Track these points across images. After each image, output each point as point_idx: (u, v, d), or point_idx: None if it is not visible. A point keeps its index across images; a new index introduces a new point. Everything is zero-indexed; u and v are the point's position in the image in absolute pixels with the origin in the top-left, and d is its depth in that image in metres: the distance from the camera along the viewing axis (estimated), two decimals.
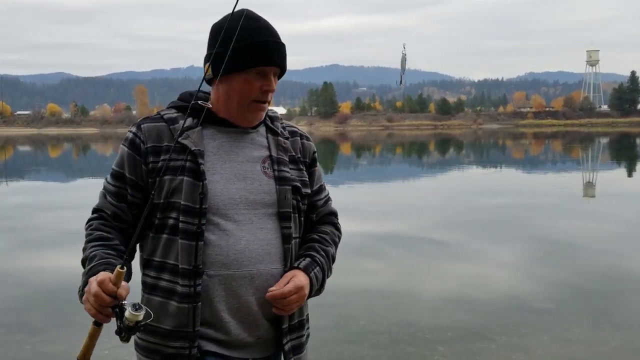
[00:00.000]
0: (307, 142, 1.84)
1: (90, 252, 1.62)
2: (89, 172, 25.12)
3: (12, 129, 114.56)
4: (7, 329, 5.04)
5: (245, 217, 1.63)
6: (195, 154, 1.61)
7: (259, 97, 1.65)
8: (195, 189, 1.59)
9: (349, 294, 5.87)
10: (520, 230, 9.95)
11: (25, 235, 9.44)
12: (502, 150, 40.98)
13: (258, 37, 1.62)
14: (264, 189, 1.66)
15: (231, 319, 1.61)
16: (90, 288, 1.46)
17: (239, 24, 1.59)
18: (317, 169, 1.86)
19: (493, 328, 5.04)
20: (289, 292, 1.60)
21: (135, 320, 1.45)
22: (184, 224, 1.59)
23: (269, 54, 1.63)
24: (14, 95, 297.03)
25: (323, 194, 1.87)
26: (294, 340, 1.71)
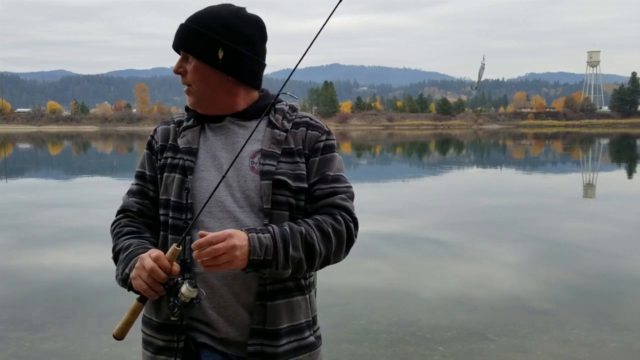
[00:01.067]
0: (312, 132, 1.70)
1: (124, 243, 1.68)
2: (88, 170, 25.11)
3: (12, 127, 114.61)
4: (6, 326, 5.03)
5: (230, 214, 1.61)
6: (185, 152, 1.68)
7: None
8: (182, 185, 1.65)
9: (349, 293, 5.86)
10: (520, 230, 9.95)
11: (25, 233, 9.43)
12: (502, 151, 40.99)
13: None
14: (249, 185, 1.63)
15: (218, 317, 1.61)
16: (144, 264, 1.50)
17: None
18: (321, 158, 1.68)
19: (493, 328, 5.03)
20: (215, 236, 1.45)
21: (190, 297, 1.48)
22: (173, 220, 1.65)
23: (174, 37, 1.69)
24: (14, 92, 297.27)
25: (326, 185, 1.66)
26: (265, 346, 1.61)
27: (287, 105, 1.76)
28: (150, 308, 1.69)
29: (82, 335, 4.84)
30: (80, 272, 6.93)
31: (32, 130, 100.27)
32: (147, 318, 1.71)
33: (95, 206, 12.59)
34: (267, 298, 1.61)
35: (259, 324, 1.62)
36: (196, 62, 1.65)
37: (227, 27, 1.63)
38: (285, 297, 1.64)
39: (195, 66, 1.65)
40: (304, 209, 1.67)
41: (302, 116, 1.75)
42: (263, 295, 1.61)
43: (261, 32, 1.70)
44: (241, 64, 1.65)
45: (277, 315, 1.62)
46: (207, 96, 1.68)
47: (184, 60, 1.68)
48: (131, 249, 1.64)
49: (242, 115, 1.71)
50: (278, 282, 1.62)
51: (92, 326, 5.06)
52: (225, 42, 1.62)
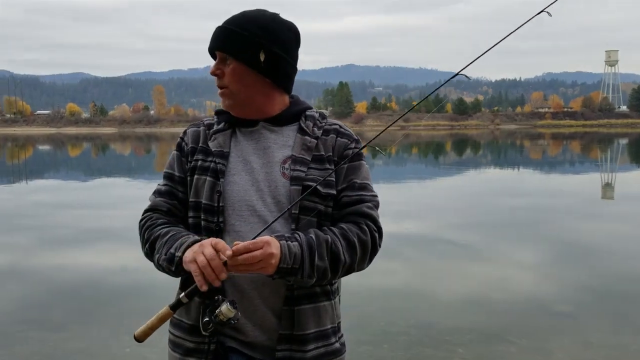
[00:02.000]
0: (341, 139, 1.72)
1: (161, 231, 1.65)
2: (107, 172, 25.37)
3: (32, 128, 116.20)
4: (29, 326, 5.10)
5: (260, 219, 1.62)
6: (217, 155, 1.68)
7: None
8: (214, 188, 1.65)
9: (368, 294, 5.86)
10: (539, 231, 9.86)
11: (45, 233, 9.56)
12: (519, 151, 40.65)
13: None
14: (280, 191, 1.64)
15: (246, 321, 1.62)
16: (205, 251, 1.47)
17: None
18: (350, 165, 1.69)
19: (513, 330, 5.00)
20: (253, 243, 1.46)
21: (228, 317, 1.48)
22: (206, 222, 1.65)
23: (211, 39, 1.69)
24: (34, 94, 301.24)
25: (353, 192, 1.68)
26: (295, 352, 1.62)
27: (317, 113, 1.78)
28: (180, 309, 1.66)
29: (104, 335, 4.89)
30: (100, 272, 7.00)
31: (51, 132, 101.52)
32: (177, 319, 1.70)
33: (114, 207, 12.72)
34: (294, 303, 1.63)
35: (287, 329, 1.62)
36: (235, 64, 1.65)
37: (268, 31, 1.65)
38: (312, 302, 1.65)
39: (234, 68, 1.66)
40: (332, 215, 1.69)
41: (332, 123, 1.77)
42: (291, 300, 1.62)
43: (297, 38, 1.73)
44: (280, 68, 1.67)
45: (305, 320, 1.63)
46: (244, 98, 1.68)
47: (221, 62, 1.68)
48: (172, 233, 1.62)
49: (275, 121, 1.72)
50: (305, 287, 1.63)
51: (113, 326, 5.11)
52: (267, 45, 1.64)
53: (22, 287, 6.44)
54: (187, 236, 1.59)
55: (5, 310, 5.57)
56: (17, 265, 7.46)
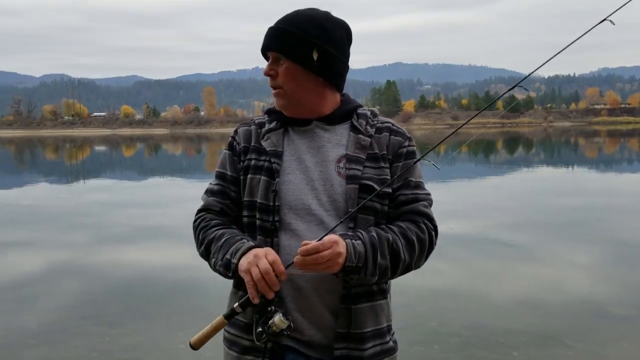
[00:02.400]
0: (395, 137, 1.72)
1: (215, 233, 1.68)
2: (160, 171, 26.01)
3: (89, 130, 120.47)
4: (87, 321, 5.28)
5: (316, 218, 1.62)
6: (271, 154, 1.67)
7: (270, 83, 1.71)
8: (269, 187, 1.65)
9: (418, 294, 5.78)
10: (596, 231, 9.52)
11: (102, 232, 9.88)
12: (574, 149, 39.40)
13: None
14: (336, 189, 1.64)
15: (303, 319, 1.62)
16: (259, 264, 1.51)
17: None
18: (404, 163, 1.70)
19: (569, 333, 4.84)
20: (322, 244, 1.47)
21: (281, 328, 1.50)
22: (261, 221, 1.66)
23: (264, 39, 1.69)
24: (90, 97, 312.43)
25: (409, 190, 1.69)
26: (352, 350, 1.62)
27: (369, 110, 1.77)
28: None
29: (157, 331, 5.01)
30: (154, 270, 7.18)
31: (107, 134, 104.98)
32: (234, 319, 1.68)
33: (167, 206, 13.03)
34: (351, 301, 1.62)
35: (344, 327, 1.62)
36: (289, 64, 1.65)
37: (321, 30, 1.65)
38: (369, 301, 1.66)
39: (288, 67, 1.66)
40: (388, 214, 1.68)
41: (384, 121, 1.76)
42: (348, 298, 1.62)
43: (348, 36, 1.72)
44: (333, 66, 1.67)
45: (362, 319, 1.64)
46: (298, 98, 1.68)
47: (274, 62, 1.68)
48: (226, 237, 1.64)
49: (328, 119, 1.71)
50: (362, 285, 1.63)
51: (166, 322, 5.23)
52: (320, 44, 1.64)
53: (80, 283, 6.67)
54: (241, 241, 1.61)
55: (65, 306, 5.78)
56: (76, 262, 7.73)
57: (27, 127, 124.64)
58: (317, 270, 1.51)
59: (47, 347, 4.66)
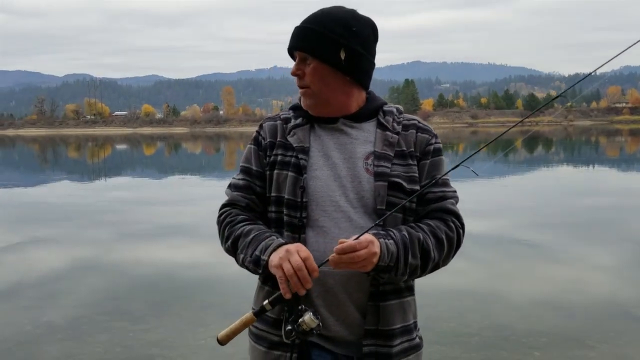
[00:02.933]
0: (422, 134, 1.72)
1: (243, 229, 1.67)
2: (179, 169, 26.22)
3: (110, 129, 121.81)
4: (111, 317, 5.36)
5: (344, 214, 1.62)
6: (298, 150, 1.67)
7: (297, 82, 1.70)
8: (297, 183, 1.64)
9: (438, 294, 5.77)
10: (618, 232, 9.39)
11: (124, 229, 10.01)
12: (595, 148, 38.85)
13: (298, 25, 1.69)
14: (364, 186, 1.64)
15: (329, 315, 1.62)
16: (292, 260, 1.50)
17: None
18: (432, 161, 1.71)
19: (592, 335, 4.80)
20: (359, 243, 1.47)
21: (311, 327, 1.50)
22: (288, 217, 1.65)
23: (291, 39, 1.68)
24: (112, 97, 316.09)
25: (437, 189, 1.69)
26: (380, 347, 1.63)
27: (395, 108, 1.78)
28: (261, 301, 1.69)
29: (180, 327, 5.07)
30: (175, 266, 7.26)
31: (128, 132, 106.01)
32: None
33: (187, 204, 13.14)
34: (380, 298, 1.63)
35: (372, 324, 1.63)
36: (316, 63, 1.66)
37: (347, 28, 1.64)
38: (397, 298, 1.67)
39: (315, 67, 1.66)
40: (415, 211, 1.69)
41: (410, 118, 1.77)
42: (376, 295, 1.63)
43: (375, 34, 1.72)
44: (360, 65, 1.67)
45: (391, 316, 1.65)
46: (325, 97, 1.69)
47: (301, 62, 1.68)
48: (255, 233, 1.63)
49: (355, 117, 1.72)
50: (390, 282, 1.64)
51: (188, 319, 5.29)
52: (347, 43, 1.64)
53: (104, 279, 6.77)
54: (270, 237, 1.60)
55: (89, 302, 5.87)
56: (99, 259, 7.84)
57: (50, 126, 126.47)
58: (351, 269, 1.51)
59: (73, 342, 4.74)
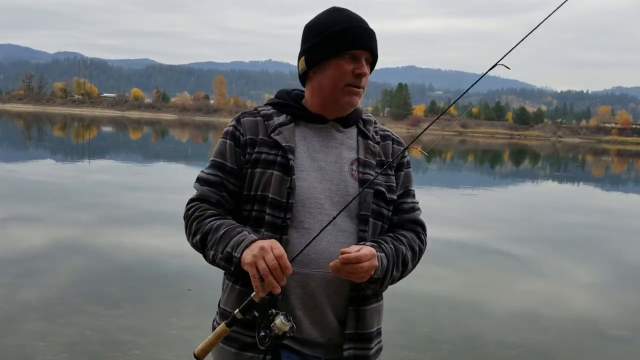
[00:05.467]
0: (397, 146, 1.80)
1: (212, 224, 1.63)
2: (165, 156, 26.06)
3: (97, 110, 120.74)
4: (85, 299, 5.32)
5: (328, 217, 1.61)
6: (286, 150, 1.65)
7: (353, 81, 1.66)
8: (283, 184, 1.62)
9: (415, 299, 5.80)
10: (598, 250, 9.51)
11: (106, 212, 9.92)
12: (581, 166, 39.25)
13: (348, 24, 1.67)
14: (350, 191, 1.65)
15: (305, 317, 1.62)
16: (266, 258, 1.47)
17: (330, 16, 1.70)
18: (405, 173, 1.79)
19: (562, 350, 4.85)
20: (364, 255, 1.51)
21: (283, 330, 1.47)
22: (270, 217, 1.62)
23: (359, 38, 1.66)
24: (101, 77, 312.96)
25: (410, 199, 1.79)
26: (359, 350, 1.66)
27: (371, 116, 1.84)
28: (235, 303, 1.64)
29: (154, 315, 5.04)
30: (155, 254, 7.22)
31: (115, 115, 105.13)
32: (230, 313, 1.61)
33: (171, 191, 13.05)
34: (361, 303, 1.66)
35: (352, 328, 1.65)
36: (369, 69, 1.72)
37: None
38: (375, 302, 1.72)
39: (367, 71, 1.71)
40: (390, 219, 1.75)
41: (384, 129, 1.83)
42: (357, 300, 1.65)
43: None
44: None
45: (370, 319, 1.68)
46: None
47: (366, 62, 1.70)
48: (225, 229, 1.59)
49: (343, 121, 1.75)
50: (371, 287, 1.68)
51: (163, 307, 5.26)
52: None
53: (82, 262, 6.70)
54: (242, 233, 1.56)
55: (66, 283, 5.82)
56: (79, 240, 7.77)
57: (36, 102, 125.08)
58: (348, 277, 1.55)
59: (44, 322, 4.70)
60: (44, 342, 4.30)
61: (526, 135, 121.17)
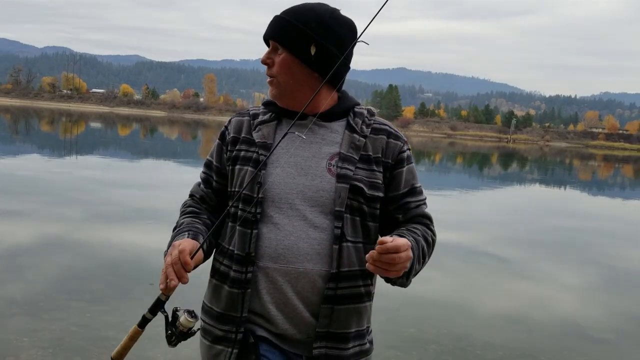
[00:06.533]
0: (394, 141, 1.71)
1: (180, 221, 1.74)
2: (153, 154, 25.92)
3: (86, 105, 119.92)
4: (70, 295, 5.27)
5: (299, 212, 1.60)
6: (260, 146, 1.66)
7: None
8: (254, 179, 1.63)
9: (402, 298, 5.80)
10: (584, 254, 9.59)
11: (93, 208, 9.85)
12: (568, 170, 39.58)
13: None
14: (325, 186, 1.62)
15: (278, 313, 1.61)
16: (172, 253, 1.53)
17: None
18: (408, 169, 1.72)
19: (547, 352, 4.88)
20: (403, 244, 1.43)
21: (188, 327, 1.50)
22: (242, 212, 1.64)
23: (267, 27, 1.68)
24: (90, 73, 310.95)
25: (417, 197, 1.74)
26: (331, 349, 1.62)
27: (366, 109, 1.76)
28: (211, 297, 1.72)
29: (139, 312, 4.94)
30: (142, 251, 7.17)
31: (104, 111, 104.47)
32: (208, 307, 1.73)
33: (158, 189, 13.01)
34: (336, 302, 1.62)
35: (324, 326, 1.62)
36: (286, 55, 1.64)
37: (322, 25, 1.62)
38: (356, 303, 1.65)
39: (284, 58, 1.64)
40: (393, 218, 1.72)
41: (382, 122, 1.75)
42: (332, 298, 1.61)
43: (353, 36, 1.68)
44: (330, 63, 1.63)
45: (346, 320, 1.64)
46: (290, 89, 1.67)
47: (273, 51, 1.67)
48: (179, 228, 1.68)
49: (324, 116, 1.69)
50: (349, 287, 1.63)
51: (148, 304, 5.21)
52: (319, 40, 1.62)
53: (67, 257, 6.65)
54: (182, 233, 1.62)
55: (51, 278, 5.77)
56: (64, 236, 7.70)
57: (24, 96, 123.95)
58: (383, 272, 1.46)
59: (28, 318, 4.65)
60: (28, 337, 4.26)
61: (514, 138, 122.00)
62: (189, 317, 1.49)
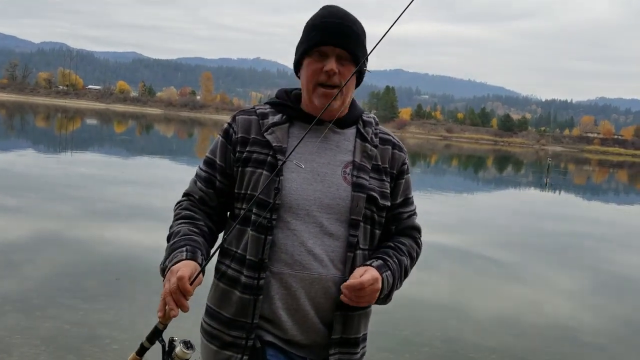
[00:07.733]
0: (399, 152, 1.75)
1: (177, 228, 1.66)
2: (150, 151, 25.86)
3: (82, 102, 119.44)
4: (63, 293, 5.25)
5: (315, 219, 1.60)
6: (276, 150, 1.62)
7: (323, 79, 1.61)
8: (271, 184, 1.59)
9: (396, 301, 5.77)
10: (578, 258, 9.62)
11: (88, 205, 9.82)
12: (563, 174, 39.69)
13: (320, 20, 1.63)
14: (340, 194, 1.62)
15: (288, 318, 1.61)
16: (171, 280, 1.45)
17: (316, 13, 1.67)
18: (405, 180, 1.77)
19: (540, 356, 4.90)
20: (367, 281, 1.54)
21: (184, 358, 1.47)
22: (256, 217, 1.60)
23: (325, 34, 1.60)
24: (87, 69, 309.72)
25: (409, 208, 1.79)
26: (344, 355, 1.65)
27: (372, 118, 1.79)
28: (218, 301, 1.67)
29: (132, 311, 4.99)
30: (136, 249, 7.15)
31: (100, 108, 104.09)
32: (216, 311, 1.68)
33: (154, 186, 12.98)
34: (349, 308, 1.63)
35: (339, 333, 1.63)
36: (352, 67, 1.63)
37: (365, 39, 1.68)
38: (365, 307, 1.69)
39: (351, 70, 1.63)
40: (385, 225, 1.74)
41: (385, 132, 1.78)
42: (344, 305, 1.62)
43: None
44: (363, 75, 1.72)
45: (357, 325, 1.67)
46: (346, 103, 1.69)
47: (338, 60, 1.62)
48: (175, 239, 1.61)
49: (339, 123, 1.69)
50: None
51: (142, 303, 5.22)
52: (368, 54, 1.68)
53: (62, 254, 6.63)
54: (180, 250, 1.55)
55: (45, 276, 5.75)
56: (59, 233, 7.67)
57: (20, 92, 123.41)
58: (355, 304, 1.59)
59: (21, 315, 4.63)
60: (20, 335, 4.24)
61: (510, 142, 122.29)
62: (184, 349, 1.47)
